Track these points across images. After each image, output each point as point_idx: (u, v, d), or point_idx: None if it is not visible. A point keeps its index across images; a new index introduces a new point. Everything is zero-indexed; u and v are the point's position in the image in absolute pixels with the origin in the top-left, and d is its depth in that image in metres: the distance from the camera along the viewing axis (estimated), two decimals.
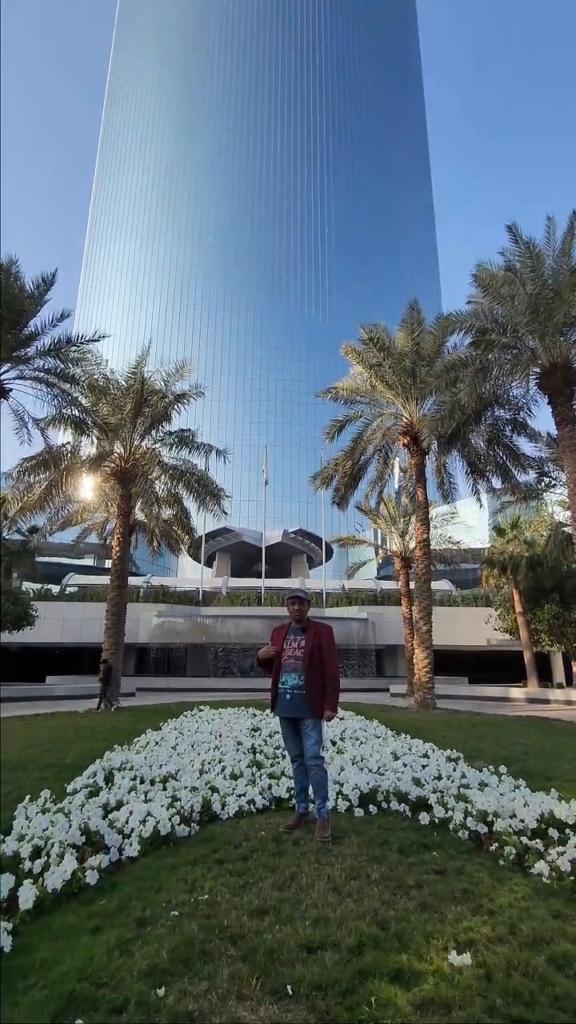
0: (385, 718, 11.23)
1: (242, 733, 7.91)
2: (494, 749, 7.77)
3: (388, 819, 4.43)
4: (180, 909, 2.85)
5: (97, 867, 3.33)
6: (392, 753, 6.46)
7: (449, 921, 2.70)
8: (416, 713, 13.91)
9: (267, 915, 2.77)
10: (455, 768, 5.73)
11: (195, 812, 4.35)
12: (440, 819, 4.28)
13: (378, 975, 2.23)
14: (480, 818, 4.13)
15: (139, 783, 5.11)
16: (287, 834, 4.03)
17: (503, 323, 13.53)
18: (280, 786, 5.01)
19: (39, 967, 2.37)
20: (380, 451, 18.37)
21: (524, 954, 2.40)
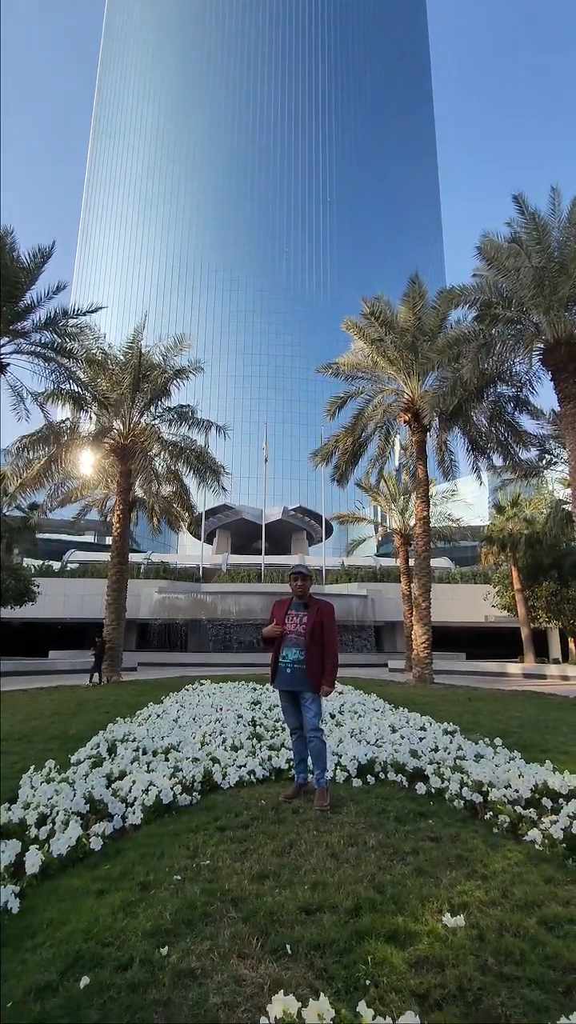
0: (383, 692, 11.39)
1: (243, 706, 8.03)
2: (490, 722, 7.90)
3: (385, 789, 4.51)
4: (182, 874, 2.93)
5: (101, 834, 3.42)
6: (390, 726, 6.57)
7: (444, 885, 2.78)
8: (414, 688, 14.09)
9: (267, 880, 2.85)
10: (451, 740, 5.82)
11: (197, 782, 4.44)
12: (436, 789, 4.37)
13: (374, 936, 2.30)
14: (475, 788, 4.21)
15: (141, 754, 5.20)
16: (286, 803, 4.12)
17: (508, 297, 13.30)
18: (280, 757, 5.10)
19: (47, 927, 2.45)
20: (381, 428, 18.25)
21: (516, 916, 2.48)
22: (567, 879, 2.89)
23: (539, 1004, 1.92)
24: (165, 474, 18.98)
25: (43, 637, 29.70)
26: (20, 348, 14.11)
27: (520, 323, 13.38)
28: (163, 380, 17.57)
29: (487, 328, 13.24)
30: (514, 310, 13.14)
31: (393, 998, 1.93)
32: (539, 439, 18.10)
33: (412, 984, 2.00)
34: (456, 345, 13.61)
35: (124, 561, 17.36)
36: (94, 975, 2.07)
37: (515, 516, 26.18)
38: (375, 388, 17.49)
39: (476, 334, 13.32)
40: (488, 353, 13.02)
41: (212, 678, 14.10)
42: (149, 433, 17.29)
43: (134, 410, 17.36)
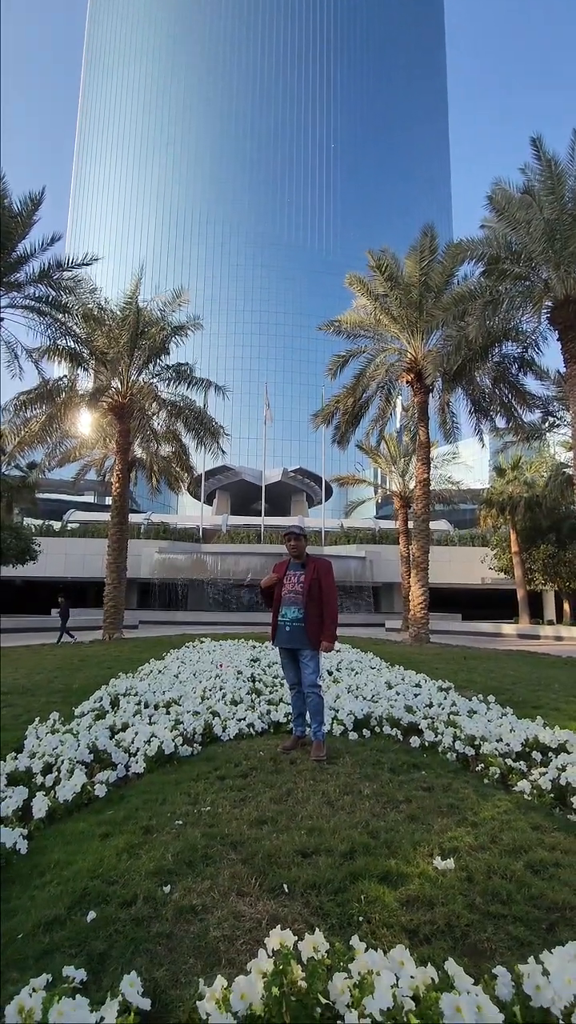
0: (380, 651, 11.61)
1: (242, 663, 8.20)
2: (484, 680, 8.07)
3: (381, 742, 4.64)
4: (184, 819, 3.05)
5: (105, 782, 3.53)
6: (386, 683, 6.72)
7: (435, 831, 2.89)
8: (410, 647, 14.34)
9: (265, 825, 2.96)
10: (446, 697, 5.97)
11: (197, 734, 4.56)
12: (430, 742, 4.50)
13: (368, 877, 2.40)
14: (468, 742, 4.34)
15: (143, 707, 5.33)
16: (284, 755, 4.25)
17: (517, 251, 12.85)
18: (278, 711, 5.23)
19: (54, 867, 2.56)
20: (382, 388, 17.99)
21: (504, 860, 2.59)
22: (553, 827, 3.00)
23: (523, 939, 2.02)
24: (164, 434, 18.81)
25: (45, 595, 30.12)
26: (13, 302, 13.74)
27: (529, 279, 12.98)
28: (162, 337, 17.18)
29: (494, 284, 12.85)
30: (523, 265, 12.73)
31: (384, 933, 2.03)
32: (543, 401, 17.86)
33: (403, 921, 2.10)
34: (462, 302, 13.24)
35: (124, 521, 17.39)
36: (100, 910, 2.16)
37: (515, 479, 26.12)
38: (378, 347, 17.13)
39: (483, 290, 12.94)
40: (495, 311, 12.68)
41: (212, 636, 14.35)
42: (147, 392, 17.03)
43: (132, 368, 17.05)
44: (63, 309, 14.20)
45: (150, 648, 12.09)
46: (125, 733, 4.37)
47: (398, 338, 16.59)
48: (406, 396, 19.92)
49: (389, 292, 15.87)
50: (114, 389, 16.94)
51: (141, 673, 7.76)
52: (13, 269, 13.39)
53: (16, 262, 13.42)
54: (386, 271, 15.75)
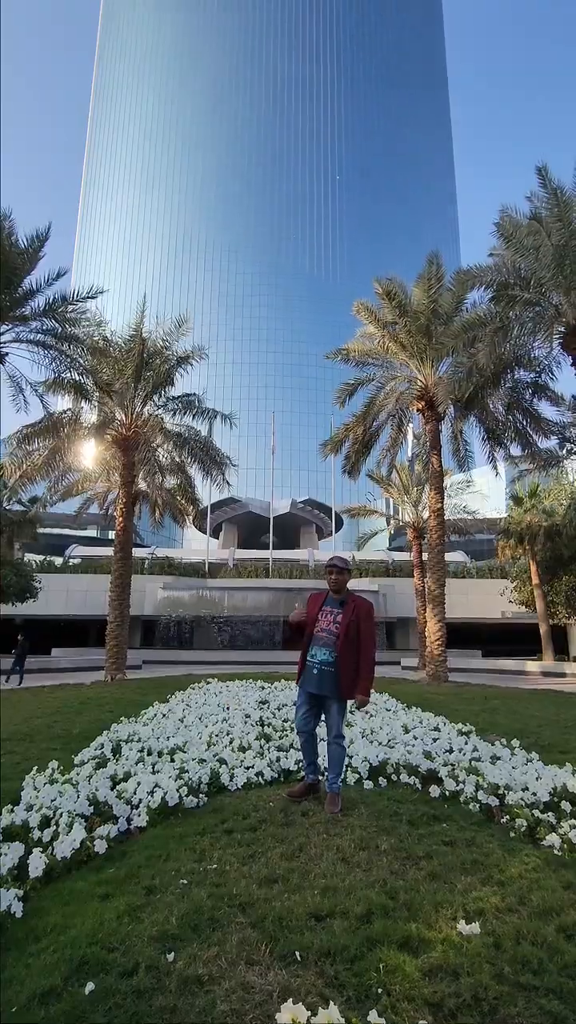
0: (396, 691, 11.40)
1: (250, 706, 8.07)
2: (507, 722, 7.89)
3: (398, 791, 4.53)
4: (189, 877, 2.97)
5: (106, 836, 3.46)
6: (403, 726, 6.59)
7: (458, 891, 2.79)
8: (428, 686, 14.10)
9: (276, 884, 2.88)
10: (467, 741, 5.83)
11: (203, 784, 4.47)
12: (451, 792, 4.38)
13: (386, 942, 2.31)
14: (491, 791, 4.22)
15: (146, 755, 5.25)
16: (295, 802, 4.15)
17: (526, 277, 13.11)
18: (289, 758, 5.12)
19: (50, 931, 2.49)
20: (393, 416, 18.14)
21: (533, 923, 2.48)
22: None
23: (558, 1015, 1.92)
24: (169, 466, 19.01)
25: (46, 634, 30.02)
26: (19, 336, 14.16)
27: (539, 305, 13.20)
28: (166, 368, 17.56)
29: (504, 310, 13.09)
30: (533, 291, 12.97)
31: (405, 1007, 1.95)
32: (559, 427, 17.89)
33: (425, 993, 2.02)
34: (472, 329, 13.47)
35: (128, 556, 17.44)
36: (99, 981, 2.10)
37: (533, 508, 26.00)
38: (387, 375, 17.37)
39: (492, 317, 13.17)
40: (505, 337, 12.87)
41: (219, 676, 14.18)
42: (152, 424, 17.31)
43: (136, 400, 17.38)
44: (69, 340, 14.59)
45: (154, 690, 11.97)
46: (127, 783, 4.29)
47: (407, 366, 16.83)
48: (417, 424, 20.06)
49: (398, 320, 16.19)
50: (118, 421, 17.24)
51: (144, 717, 7.66)
52: (19, 304, 13.84)
53: (22, 297, 13.89)
54: (395, 299, 16.11)
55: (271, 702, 8.62)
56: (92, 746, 5.76)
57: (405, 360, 16.74)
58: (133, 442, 17.17)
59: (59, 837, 3.39)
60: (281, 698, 8.96)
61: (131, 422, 17.24)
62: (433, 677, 15.37)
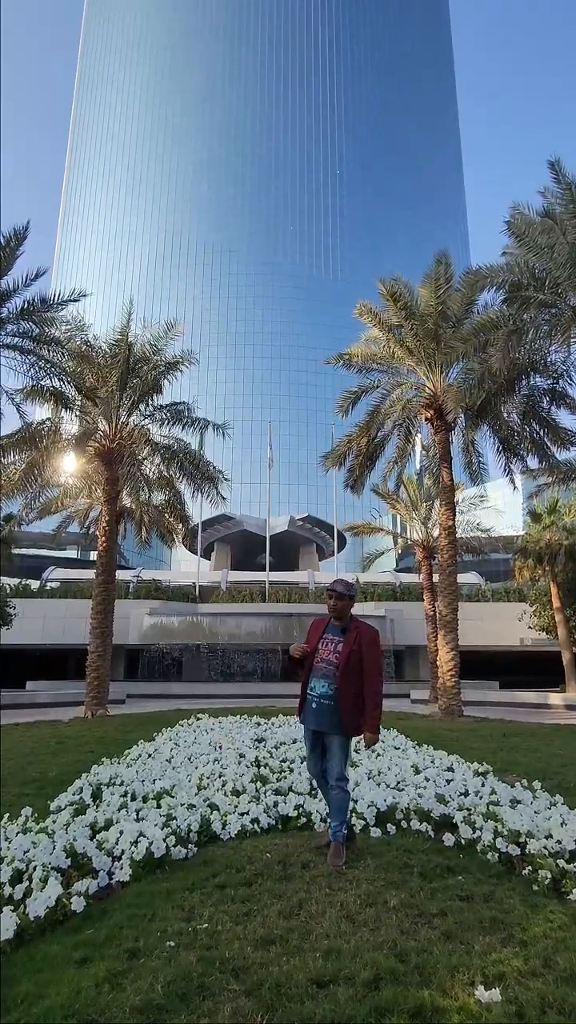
0: (405, 727, 11.31)
1: (244, 744, 8.00)
2: (528, 761, 7.83)
3: (408, 840, 4.48)
4: (176, 939, 2.91)
5: (84, 893, 3.40)
6: (413, 766, 6.54)
7: (476, 953, 2.74)
8: (440, 721, 14.00)
9: (273, 945, 2.82)
10: (483, 783, 5.78)
11: (193, 832, 4.43)
12: (466, 840, 4.33)
13: (397, 1012, 2.26)
14: (511, 839, 4.16)
15: (130, 800, 5.19)
16: (324, 848, 4.12)
17: (541, 277, 13.31)
18: (287, 803, 5.07)
19: (21, 1002, 2.43)
20: (400, 426, 18.24)
21: (560, 990, 2.43)
22: None
23: None
24: (156, 481, 19.04)
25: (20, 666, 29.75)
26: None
27: (555, 306, 13.38)
28: (154, 375, 17.68)
29: (518, 313, 13.25)
30: (548, 292, 13.15)
31: None
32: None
33: None
34: (483, 332, 13.63)
35: (111, 579, 17.38)
36: None
37: (553, 525, 26.03)
38: (393, 381, 17.50)
39: (505, 319, 13.33)
40: (519, 341, 13.02)
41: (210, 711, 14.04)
42: (138, 435, 17.37)
43: (122, 409, 17.47)
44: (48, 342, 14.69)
45: (139, 727, 11.85)
46: (108, 832, 4.24)
47: (415, 371, 16.98)
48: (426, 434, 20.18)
49: (403, 323, 16.37)
50: (101, 432, 17.30)
51: (128, 758, 7.59)
52: None
53: None
54: (400, 301, 16.30)
55: (268, 740, 8.53)
56: (70, 791, 5.70)
57: (412, 366, 16.89)
58: (117, 455, 17.22)
59: (32, 893, 3.33)
60: (279, 735, 8.88)
61: (115, 433, 17.30)
62: (446, 711, 15.25)
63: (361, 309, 17.55)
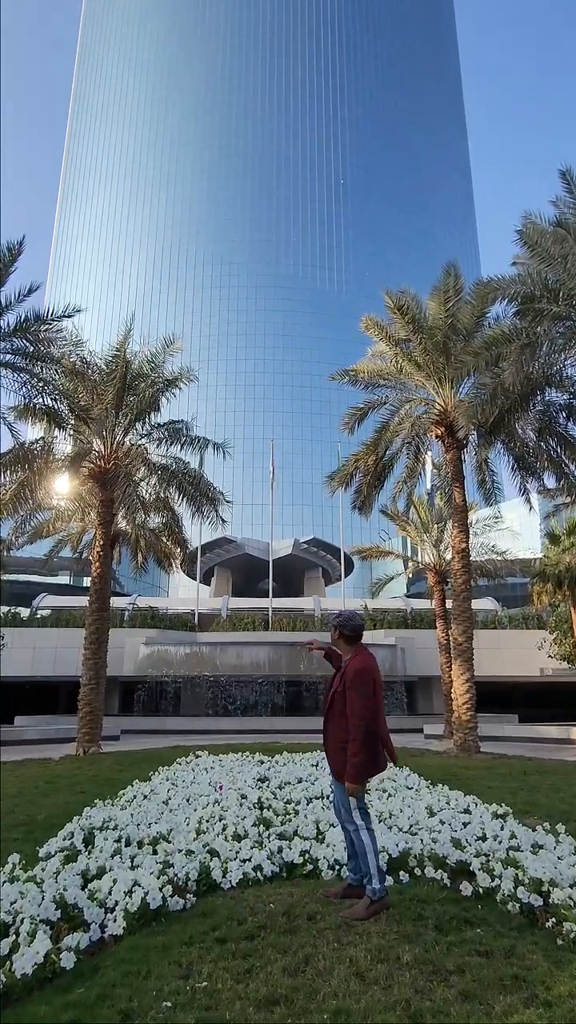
0: (418, 765, 11.18)
1: (246, 784, 7.93)
2: (550, 802, 7.73)
3: (422, 888, 4.43)
4: (173, 999, 2.87)
5: (75, 948, 3.36)
6: (427, 808, 6.47)
7: (496, 1014, 2.69)
8: (455, 758, 13.84)
9: (277, 1006, 2.78)
10: (502, 826, 5.71)
11: (191, 880, 4.39)
12: (485, 889, 4.28)
13: None
14: (534, 888, 4.10)
15: (124, 845, 5.16)
16: (333, 901, 4.11)
17: (554, 289, 13.48)
18: (292, 849, 5.03)
19: None
20: (409, 444, 18.31)
21: None
22: None
23: None
24: (153, 503, 19.11)
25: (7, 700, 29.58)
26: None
27: (570, 319, 13.52)
28: (152, 392, 17.85)
29: (531, 325, 13.39)
30: (562, 304, 13.30)
31: None
32: None
33: None
34: (495, 346, 13.75)
35: (105, 607, 17.35)
36: None
37: (573, 547, 25.95)
38: (401, 397, 17.63)
39: (518, 332, 13.46)
40: (533, 354, 13.12)
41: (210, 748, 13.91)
42: (135, 454, 17.49)
43: (117, 428, 17.62)
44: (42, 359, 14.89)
45: (134, 765, 11.75)
46: (101, 881, 4.21)
47: (424, 387, 17.11)
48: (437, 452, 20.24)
49: (411, 336, 16.54)
50: (96, 452, 17.42)
51: (122, 799, 7.52)
52: None
53: None
54: (407, 314, 16.49)
55: (272, 779, 8.46)
56: (60, 835, 5.66)
57: (421, 381, 17.02)
58: (113, 476, 17.31)
59: (19, 949, 3.29)
60: (283, 774, 8.79)
61: (111, 453, 17.43)
62: (461, 747, 15.06)
63: (367, 323, 17.74)
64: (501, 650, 29.10)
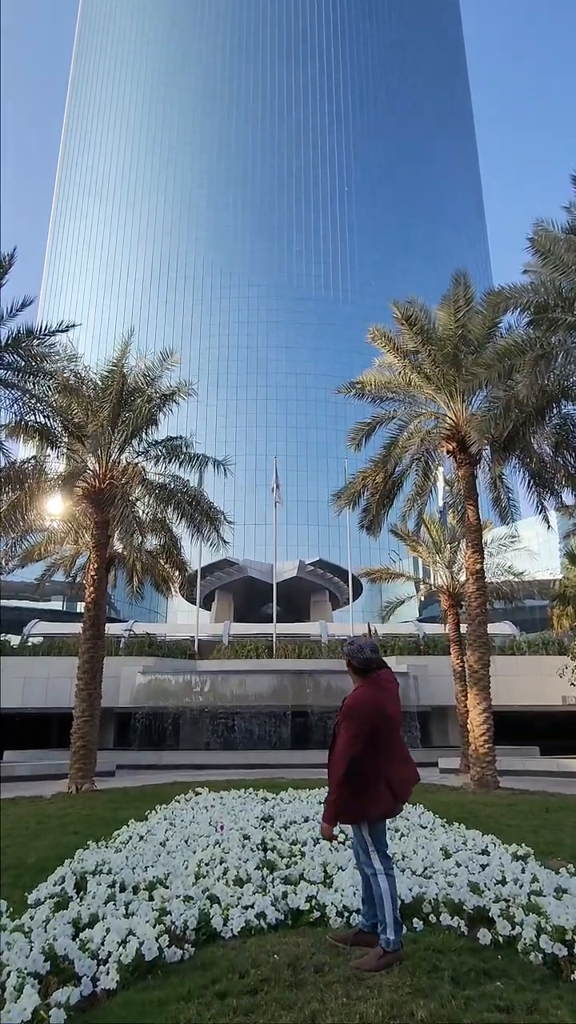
0: (433, 802, 11.03)
1: (249, 824, 7.84)
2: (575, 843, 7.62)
3: (438, 937, 4.36)
4: None
5: (65, 1004, 3.31)
6: (442, 849, 6.38)
7: None
8: (473, 794, 13.70)
9: None
10: (523, 869, 5.64)
11: (189, 929, 4.35)
12: (505, 937, 4.21)
13: None
14: (558, 936, 4.03)
15: (118, 891, 5.10)
16: (342, 947, 4.05)
17: (569, 297, 13.59)
18: (298, 895, 4.96)
19: None
20: (419, 460, 18.38)
21: None
22: None
23: None
24: (150, 523, 19.15)
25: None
26: None
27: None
28: (148, 408, 17.98)
29: (545, 336, 13.48)
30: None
31: None
32: None
33: None
34: (508, 357, 13.84)
35: (100, 634, 17.33)
36: None
37: None
38: (410, 411, 17.72)
39: (532, 343, 13.55)
40: (548, 366, 13.20)
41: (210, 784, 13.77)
42: (131, 473, 17.57)
43: (113, 446, 17.72)
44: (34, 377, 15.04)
45: (129, 803, 11.68)
46: (93, 930, 4.16)
47: (434, 400, 17.20)
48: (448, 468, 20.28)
49: (420, 348, 16.66)
50: (91, 471, 17.52)
51: (117, 840, 7.46)
52: None
53: None
54: (416, 325, 16.63)
55: (276, 818, 8.38)
56: (51, 880, 5.61)
57: (431, 394, 17.12)
58: (108, 496, 17.38)
59: (5, 1004, 3.24)
60: (288, 813, 8.69)
61: (106, 472, 17.51)
62: (479, 783, 14.88)
63: (374, 333, 17.88)
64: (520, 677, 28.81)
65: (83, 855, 6.42)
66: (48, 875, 5.84)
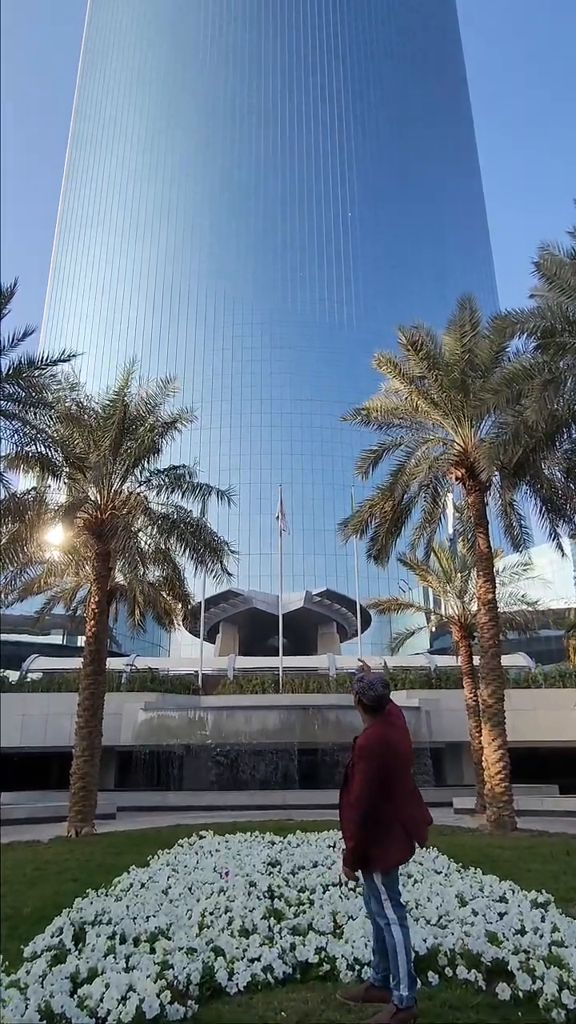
0: (448, 845, 10.82)
1: (256, 869, 7.69)
2: None
3: (454, 992, 4.25)
4: None
5: None
6: (458, 896, 6.25)
7: None
8: (489, 836, 13.47)
9: None
10: (543, 917, 5.52)
11: (193, 984, 4.25)
12: (525, 992, 4.10)
13: None
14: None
15: (119, 943, 5.01)
16: (353, 1005, 3.97)
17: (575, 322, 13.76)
18: (307, 946, 4.86)
19: None
20: (427, 487, 18.41)
21: None
22: None
23: None
24: (153, 555, 19.17)
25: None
26: None
27: None
28: (150, 436, 18.13)
29: (553, 360, 13.62)
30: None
31: None
32: None
33: None
34: (515, 382, 13.96)
35: (101, 669, 17.24)
36: None
37: None
38: (417, 438, 17.81)
39: (540, 368, 13.68)
40: (557, 391, 13.30)
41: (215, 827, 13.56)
42: (133, 503, 17.65)
43: (115, 475, 17.84)
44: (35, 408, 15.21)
45: (131, 848, 11.50)
46: (92, 986, 4.06)
47: (441, 426, 17.30)
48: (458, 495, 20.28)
49: (427, 373, 16.81)
50: (92, 502, 17.60)
51: (117, 888, 7.31)
52: None
53: None
54: (422, 350, 16.80)
55: (284, 863, 8.21)
56: (48, 931, 5.50)
57: (438, 420, 17.22)
58: (110, 527, 17.42)
59: None
60: (297, 857, 8.52)
61: (107, 502, 17.60)
62: (496, 824, 14.60)
63: (380, 359, 18.05)
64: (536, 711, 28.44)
65: (82, 904, 6.31)
66: (45, 925, 5.72)
